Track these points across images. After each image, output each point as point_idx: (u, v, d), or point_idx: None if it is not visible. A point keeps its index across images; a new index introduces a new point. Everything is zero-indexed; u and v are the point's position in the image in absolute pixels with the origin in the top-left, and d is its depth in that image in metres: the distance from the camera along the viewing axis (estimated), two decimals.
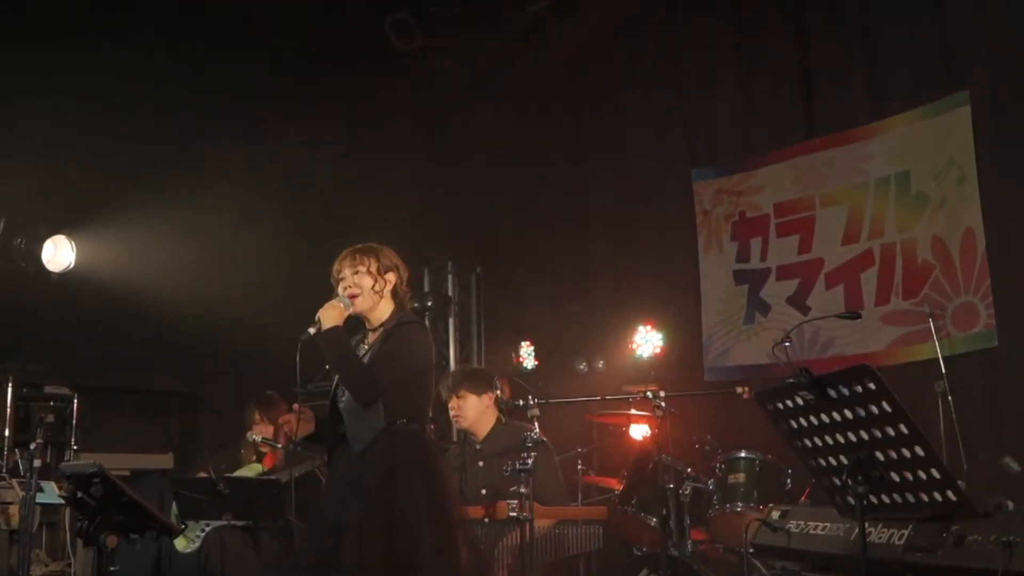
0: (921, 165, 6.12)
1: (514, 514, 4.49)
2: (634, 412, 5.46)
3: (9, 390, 6.05)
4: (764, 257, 6.88)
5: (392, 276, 4.06)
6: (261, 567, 5.46)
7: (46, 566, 5.85)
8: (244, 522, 5.38)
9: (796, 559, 4.02)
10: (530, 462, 4.45)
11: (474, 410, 5.32)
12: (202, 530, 5.68)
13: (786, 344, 4.02)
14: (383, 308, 4.05)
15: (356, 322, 4.10)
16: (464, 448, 5.48)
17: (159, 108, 6.77)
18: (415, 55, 7.68)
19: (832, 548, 3.62)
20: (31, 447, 4.94)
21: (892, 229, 6.24)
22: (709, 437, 5.58)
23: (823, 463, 3.49)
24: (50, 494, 5.35)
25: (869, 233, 6.35)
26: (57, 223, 6.58)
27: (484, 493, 5.13)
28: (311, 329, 3.86)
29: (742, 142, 7.12)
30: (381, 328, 4.03)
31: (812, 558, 3.83)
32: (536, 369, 7.39)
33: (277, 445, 5.74)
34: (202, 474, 5.70)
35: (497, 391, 5.31)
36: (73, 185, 6.39)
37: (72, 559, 5.95)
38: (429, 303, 7.92)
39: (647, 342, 6.57)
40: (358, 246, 4.09)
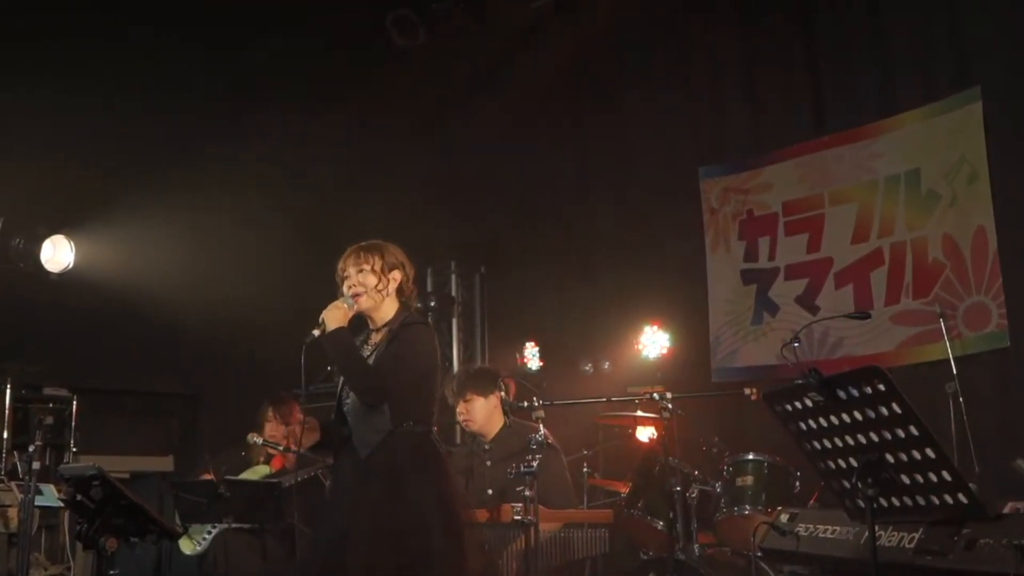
0: (931, 163, 6.06)
1: (518, 518, 4.44)
2: (640, 414, 5.39)
3: (8, 392, 6.05)
4: (772, 256, 6.81)
5: (397, 274, 3.98)
6: (265, 571, 5.41)
7: (45, 569, 5.82)
8: (246, 525, 5.33)
9: (805, 563, 3.98)
10: (535, 465, 4.41)
11: (482, 412, 5.31)
12: (208, 532, 5.63)
13: (795, 344, 3.97)
14: (387, 307, 3.97)
15: (360, 321, 4.02)
16: (472, 449, 5.44)
17: (159, 108, 6.76)
18: (417, 52, 7.63)
19: (842, 552, 3.58)
20: (30, 449, 4.96)
21: (902, 228, 6.17)
22: (716, 439, 5.58)
23: (832, 465, 3.45)
24: (49, 497, 5.33)
25: (879, 232, 6.28)
26: (56, 223, 6.59)
27: (490, 493, 5.09)
28: (315, 331, 3.80)
29: (750, 139, 7.05)
30: (386, 328, 3.95)
31: (821, 562, 3.78)
32: (541, 370, 7.33)
33: (279, 447, 5.69)
34: (205, 476, 5.65)
35: (502, 391, 5.27)
36: (72, 185, 6.40)
37: (71, 562, 5.91)
38: (432, 303, 7.89)
39: (653, 342, 6.51)
40: (363, 243, 4.01)
